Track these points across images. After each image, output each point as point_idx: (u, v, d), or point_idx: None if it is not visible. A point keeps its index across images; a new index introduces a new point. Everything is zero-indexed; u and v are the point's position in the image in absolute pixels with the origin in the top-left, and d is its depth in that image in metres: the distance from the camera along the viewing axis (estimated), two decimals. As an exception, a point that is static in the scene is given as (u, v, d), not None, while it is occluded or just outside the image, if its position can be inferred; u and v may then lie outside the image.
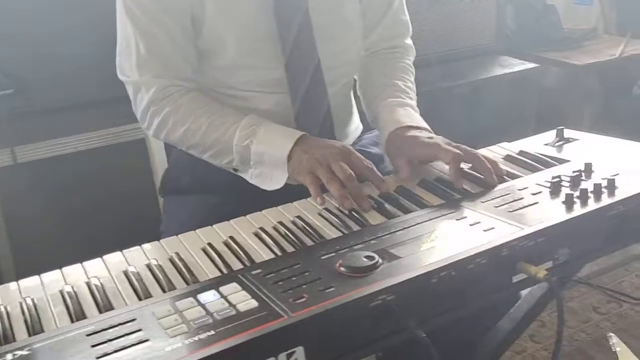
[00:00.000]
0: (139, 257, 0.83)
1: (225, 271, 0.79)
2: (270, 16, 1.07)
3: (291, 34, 1.08)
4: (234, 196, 1.09)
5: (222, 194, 1.13)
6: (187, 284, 0.77)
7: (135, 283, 0.76)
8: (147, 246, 0.86)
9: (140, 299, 0.74)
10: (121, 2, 1.07)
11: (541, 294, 1.11)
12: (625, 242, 0.91)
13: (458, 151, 0.98)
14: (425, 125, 1.10)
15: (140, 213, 1.25)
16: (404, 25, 1.29)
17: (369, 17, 1.23)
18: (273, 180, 1.03)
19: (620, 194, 0.88)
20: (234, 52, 1.09)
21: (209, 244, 0.85)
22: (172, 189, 1.21)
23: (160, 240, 0.87)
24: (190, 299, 0.70)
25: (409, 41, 1.31)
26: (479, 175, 0.99)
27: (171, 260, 0.82)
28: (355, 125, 1.32)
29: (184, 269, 0.79)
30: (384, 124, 1.13)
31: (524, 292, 1.15)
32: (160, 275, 0.78)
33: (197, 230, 0.89)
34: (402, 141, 1.06)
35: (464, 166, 1.01)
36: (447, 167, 1.00)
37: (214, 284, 0.73)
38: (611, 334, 1.83)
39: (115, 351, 0.62)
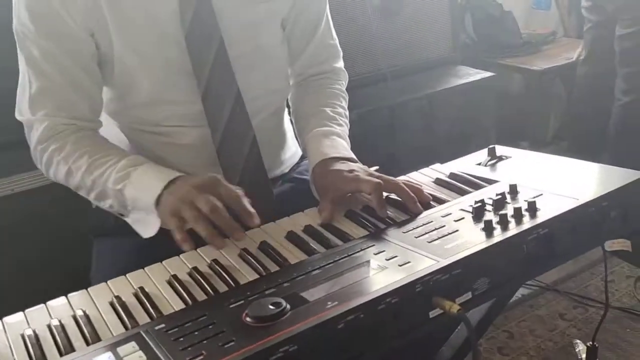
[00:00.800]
0: (40, 317, 0.79)
1: (130, 326, 0.76)
2: (182, 50, 1.05)
3: (206, 66, 1.05)
4: (162, 237, 1.05)
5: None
6: (88, 344, 0.73)
7: (30, 348, 0.72)
8: (52, 303, 0.82)
9: (33, 366, 0.70)
10: (17, 39, 1.04)
11: (479, 318, 1.08)
12: (551, 265, 0.89)
13: (378, 180, 0.95)
14: (350, 154, 1.08)
15: (77, 257, 1.21)
16: (333, 49, 1.26)
17: (294, 44, 1.20)
18: (149, 227, 0.97)
19: (542, 216, 0.86)
20: (149, 87, 1.06)
21: (117, 297, 0.81)
22: (99, 231, 1.17)
23: (68, 295, 0.83)
24: (83, 364, 0.67)
25: (339, 64, 1.28)
26: None
27: (74, 318, 0.78)
28: (292, 152, 1.29)
29: (85, 328, 0.75)
30: (310, 155, 1.11)
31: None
32: (59, 337, 0.74)
33: (109, 282, 0.86)
34: (325, 176, 1.04)
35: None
36: None
37: (113, 345, 0.70)
38: (577, 340, 1.81)
39: None
